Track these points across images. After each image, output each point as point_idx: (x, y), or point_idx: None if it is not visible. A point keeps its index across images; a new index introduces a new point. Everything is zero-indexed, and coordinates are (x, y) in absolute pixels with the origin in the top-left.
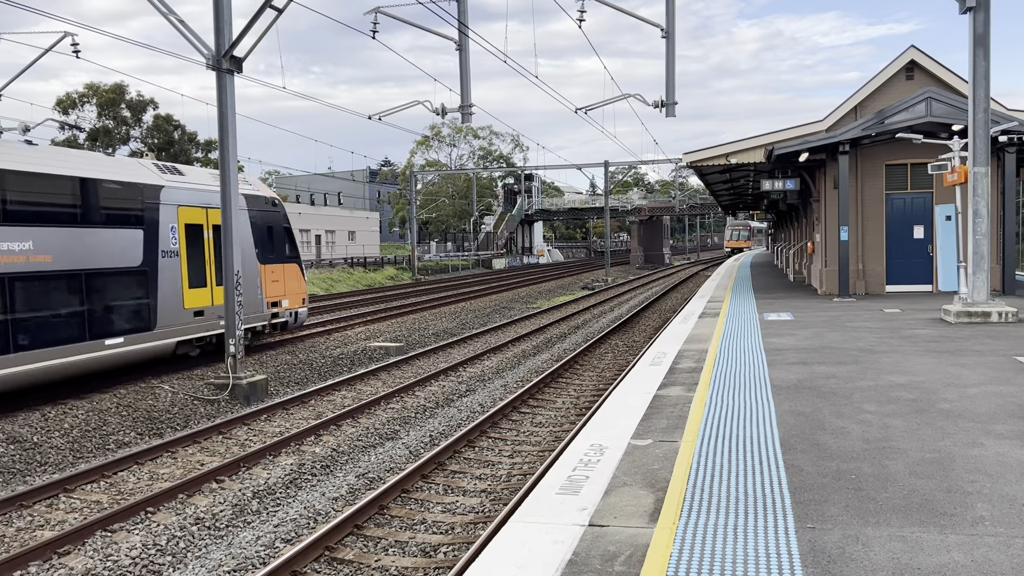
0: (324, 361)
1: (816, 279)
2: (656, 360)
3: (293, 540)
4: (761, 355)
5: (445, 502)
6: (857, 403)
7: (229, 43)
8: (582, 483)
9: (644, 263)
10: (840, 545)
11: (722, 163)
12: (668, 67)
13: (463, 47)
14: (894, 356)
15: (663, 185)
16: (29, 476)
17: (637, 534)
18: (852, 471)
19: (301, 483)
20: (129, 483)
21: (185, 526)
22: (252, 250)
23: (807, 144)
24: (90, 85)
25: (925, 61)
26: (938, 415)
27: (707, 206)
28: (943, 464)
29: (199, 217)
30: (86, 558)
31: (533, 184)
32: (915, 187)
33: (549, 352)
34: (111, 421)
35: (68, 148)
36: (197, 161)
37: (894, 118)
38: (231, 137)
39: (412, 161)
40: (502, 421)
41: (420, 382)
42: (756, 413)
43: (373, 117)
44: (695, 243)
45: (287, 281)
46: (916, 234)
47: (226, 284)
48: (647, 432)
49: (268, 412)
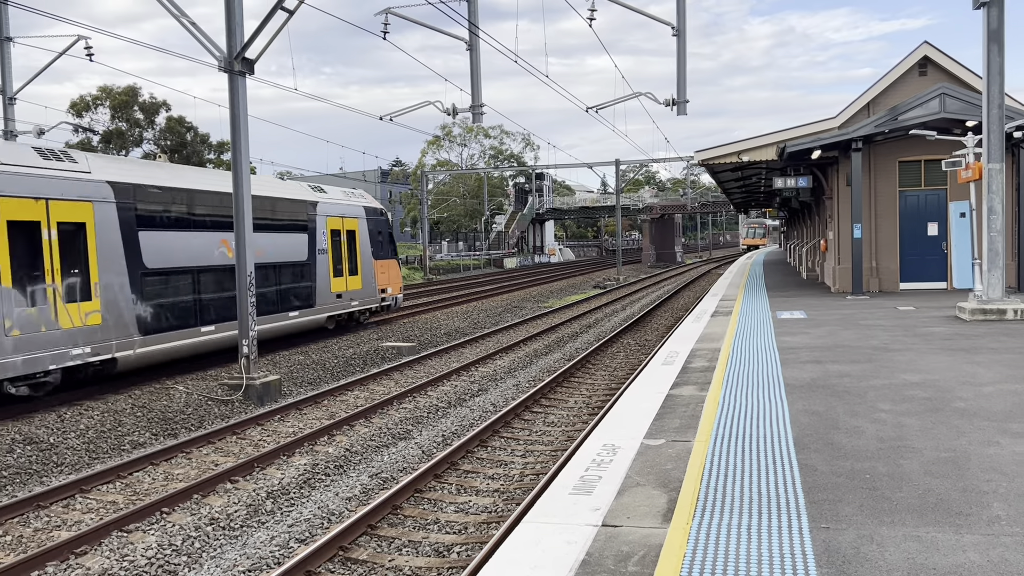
0: (337, 361)
1: (829, 277)
2: (668, 359)
3: (307, 540)
4: (774, 354)
5: (458, 502)
6: (871, 402)
7: (241, 45)
8: (595, 483)
9: (656, 261)
10: (855, 545)
11: (734, 161)
12: (679, 65)
13: (473, 47)
14: (908, 354)
15: (675, 183)
16: (46, 477)
17: (650, 534)
18: (866, 470)
19: (315, 483)
20: (144, 483)
21: (200, 526)
22: (369, 249)
23: (819, 141)
24: (103, 88)
25: (939, 57)
26: (953, 414)
27: (719, 204)
28: (958, 463)
29: (337, 224)
30: (102, 558)
31: (544, 183)
32: (929, 184)
33: (561, 351)
34: (126, 422)
35: (267, 176)
36: (209, 163)
37: (907, 114)
38: (243, 138)
39: (423, 161)
40: (514, 421)
41: (432, 382)
42: (769, 412)
43: (384, 118)
44: (707, 241)
45: (390, 273)
46: (930, 231)
47: (239, 286)
48: (660, 432)
49: (282, 412)
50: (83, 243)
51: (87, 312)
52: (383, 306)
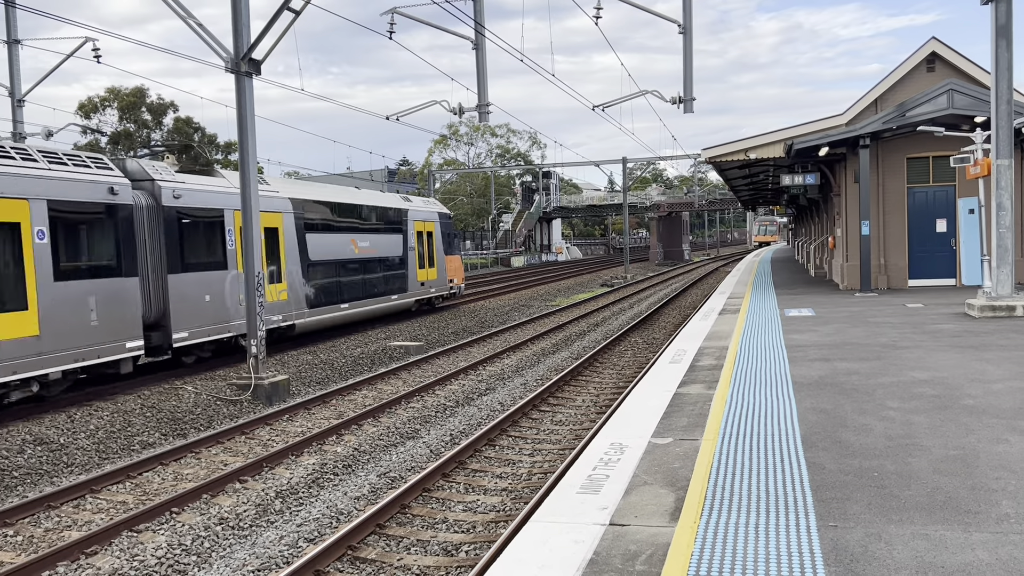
0: (345, 361)
1: (837, 274)
2: (676, 357)
3: (316, 539)
4: (782, 352)
5: (466, 501)
6: (880, 400)
7: (247, 46)
8: (602, 482)
9: (664, 259)
10: (863, 543)
11: (741, 158)
12: (685, 63)
13: (479, 46)
14: (917, 352)
15: (682, 181)
16: (56, 477)
17: (658, 533)
18: (875, 468)
19: (323, 483)
20: (154, 483)
21: (209, 526)
22: (441, 247)
23: (827, 138)
24: (111, 89)
25: (947, 53)
26: (962, 411)
27: (726, 201)
28: (967, 461)
29: (420, 227)
30: (113, 558)
31: (551, 182)
32: (937, 180)
33: (568, 350)
34: (136, 422)
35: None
36: (217, 163)
37: (915, 111)
38: (250, 139)
39: (430, 160)
40: (522, 419)
41: (440, 381)
42: (777, 410)
43: (390, 117)
44: (715, 239)
45: (455, 266)
46: (939, 227)
47: (247, 287)
48: (667, 430)
49: (290, 412)
50: (277, 242)
51: (279, 291)
52: (451, 293)
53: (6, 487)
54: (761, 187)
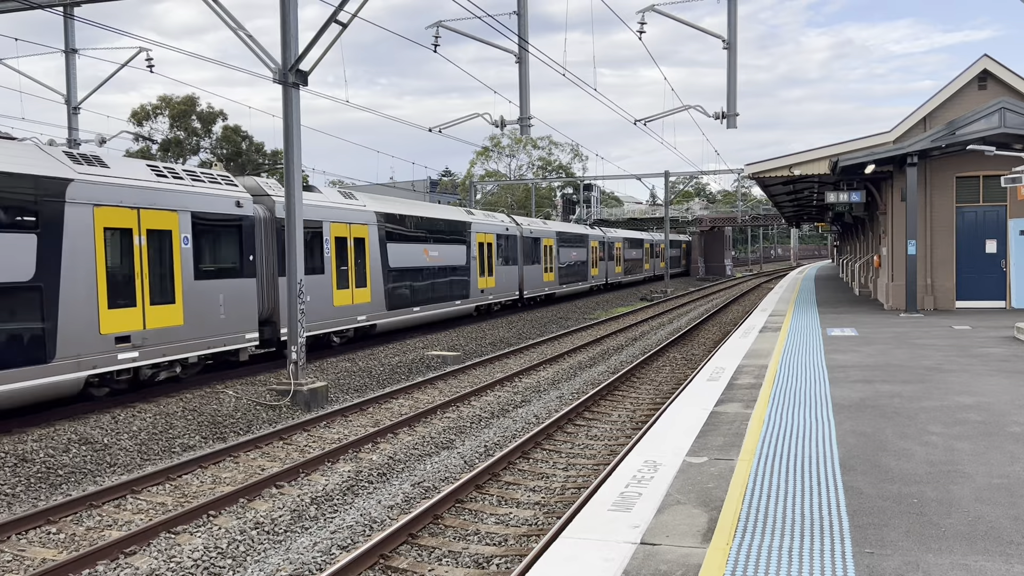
0: (383, 369)
1: (882, 294)
2: (714, 375)
3: (349, 547)
4: (823, 372)
5: (499, 513)
6: (922, 424)
7: (295, 57)
8: (635, 500)
9: (705, 274)
10: (899, 572)
11: (785, 175)
12: (729, 78)
13: (523, 60)
14: (963, 375)
15: (725, 195)
16: (99, 477)
17: (689, 554)
18: (914, 495)
19: (358, 490)
20: (193, 486)
21: (245, 530)
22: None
23: (873, 156)
24: (163, 97)
25: (999, 70)
26: (1008, 438)
27: (770, 217)
28: (1012, 490)
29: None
30: (151, 558)
31: (592, 194)
32: (987, 200)
33: (605, 364)
34: (177, 424)
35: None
36: (263, 170)
37: (965, 129)
38: (296, 148)
39: (472, 171)
40: (557, 433)
41: (476, 391)
42: (816, 432)
43: (433, 129)
44: (758, 254)
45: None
46: (988, 248)
47: (289, 294)
48: (702, 449)
49: (328, 419)
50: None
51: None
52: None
53: (51, 485)
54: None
